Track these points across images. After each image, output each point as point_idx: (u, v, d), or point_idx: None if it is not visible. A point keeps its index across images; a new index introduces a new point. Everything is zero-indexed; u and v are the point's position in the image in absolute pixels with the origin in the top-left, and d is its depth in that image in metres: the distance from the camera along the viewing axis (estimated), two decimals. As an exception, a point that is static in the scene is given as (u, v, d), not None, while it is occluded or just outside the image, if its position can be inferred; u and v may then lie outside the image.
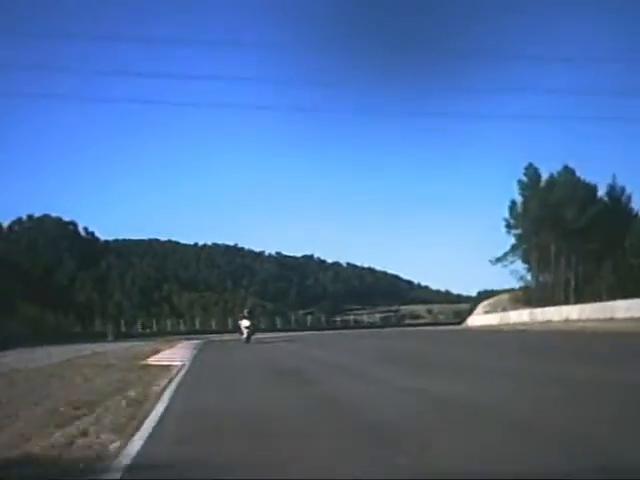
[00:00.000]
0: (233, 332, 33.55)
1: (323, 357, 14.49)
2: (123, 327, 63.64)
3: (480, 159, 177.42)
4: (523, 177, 49.92)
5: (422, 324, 63.34)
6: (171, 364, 12.78)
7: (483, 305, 51.40)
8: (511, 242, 49.38)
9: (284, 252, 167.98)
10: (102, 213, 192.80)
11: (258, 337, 25.88)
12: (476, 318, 45.73)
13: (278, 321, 67.61)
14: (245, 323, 24.08)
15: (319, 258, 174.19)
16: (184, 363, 13.07)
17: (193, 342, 27.68)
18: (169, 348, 21.48)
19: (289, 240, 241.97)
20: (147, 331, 61.86)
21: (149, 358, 15.20)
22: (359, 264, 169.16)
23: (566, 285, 42.89)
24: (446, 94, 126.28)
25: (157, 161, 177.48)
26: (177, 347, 22.50)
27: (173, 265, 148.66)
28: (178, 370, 11.24)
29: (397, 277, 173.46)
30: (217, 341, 30.48)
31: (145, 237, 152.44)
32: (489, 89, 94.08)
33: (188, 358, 15.03)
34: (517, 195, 50.31)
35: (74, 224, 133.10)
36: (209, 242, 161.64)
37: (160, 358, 15.34)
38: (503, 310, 42.03)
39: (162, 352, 18.50)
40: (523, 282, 48.02)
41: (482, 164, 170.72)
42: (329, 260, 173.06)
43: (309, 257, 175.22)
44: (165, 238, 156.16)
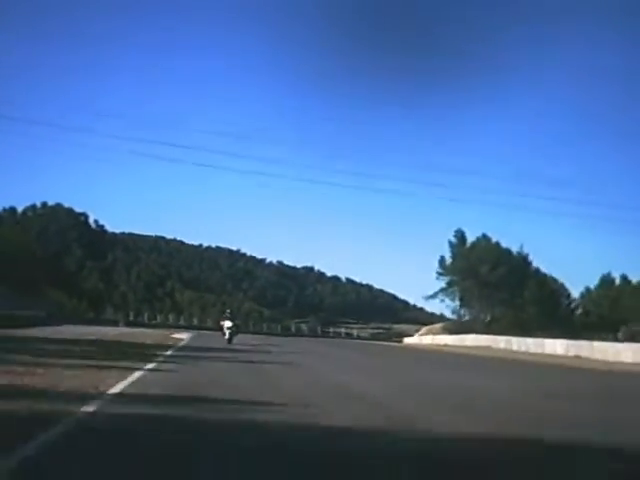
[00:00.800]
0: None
1: (278, 349, 25.84)
2: (131, 317, 77.17)
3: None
4: (453, 238, 64.97)
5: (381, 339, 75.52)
6: (182, 337, 26.39)
7: (423, 330, 65.00)
8: (441, 286, 63.55)
9: (285, 261, 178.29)
10: (112, 205, 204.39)
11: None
12: (412, 339, 59.47)
13: (265, 326, 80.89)
14: (227, 324, 24.88)
15: (319, 270, 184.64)
16: (188, 338, 26.59)
17: (192, 332, 41.00)
18: (177, 333, 35.00)
19: (291, 250, 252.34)
20: (152, 322, 75.06)
21: (170, 335, 28.83)
22: (358, 280, 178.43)
23: (483, 321, 56.21)
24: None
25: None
26: (182, 333, 35.99)
27: (177, 263, 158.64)
28: (186, 340, 24.75)
29: (394, 297, 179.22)
30: (209, 334, 43.59)
31: (152, 233, 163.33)
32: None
33: (190, 337, 28.58)
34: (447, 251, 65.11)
35: (85, 215, 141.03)
36: (213, 244, 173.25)
37: (175, 336, 28.90)
38: (432, 334, 55.68)
39: (174, 334, 32.04)
40: (455, 316, 61.66)
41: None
42: (329, 273, 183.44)
43: (310, 269, 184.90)
44: (171, 236, 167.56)
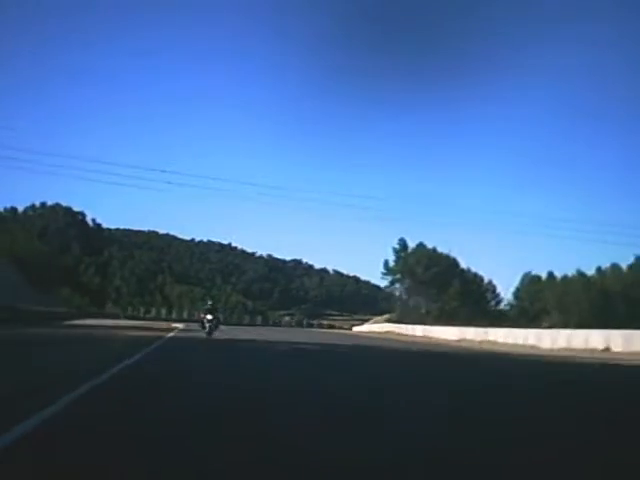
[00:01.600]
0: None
1: (248, 335, 41.14)
2: (130, 311, 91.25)
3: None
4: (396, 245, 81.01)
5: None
6: (178, 326, 40.55)
7: (372, 320, 79.86)
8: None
9: (275, 254, 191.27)
10: (107, 202, 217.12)
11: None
12: (361, 327, 74.56)
13: (247, 318, 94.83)
14: (208, 317, 24.97)
15: (307, 263, 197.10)
16: (182, 326, 40.75)
17: (184, 323, 55.05)
18: (174, 324, 49.09)
19: (281, 244, 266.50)
20: (147, 315, 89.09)
21: (170, 325, 42.98)
22: (345, 272, 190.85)
23: (418, 313, 70.68)
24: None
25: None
26: (176, 324, 50.07)
27: (169, 258, 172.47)
28: (182, 326, 38.87)
29: (379, 288, 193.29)
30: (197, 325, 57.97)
31: (145, 228, 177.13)
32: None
33: (183, 326, 42.77)
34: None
35: (82, 214, 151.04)
36: (205, 239, 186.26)
37: (173, 325, 43.05)
38: (378, 323, 70.41)
39: (172, 325, 46.20)
40: (399, 308, 76.44)
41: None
42: (317, 266, 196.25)
43: (298, 261, 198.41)
44: (164, 231, 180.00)
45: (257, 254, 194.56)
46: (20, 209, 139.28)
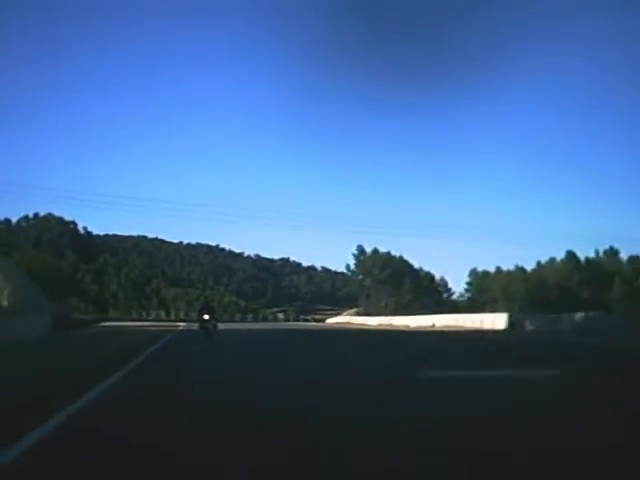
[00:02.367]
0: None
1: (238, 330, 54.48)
2: (132, 315, 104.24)
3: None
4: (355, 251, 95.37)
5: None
6: (181, 325, 54.22)
7: (345, 312, 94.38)
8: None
9: (262, 254, 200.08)
10: (95, 209, 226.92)
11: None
12: (335, 319, 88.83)
13: (239, 316, 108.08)
14: (205, 317, 25.41)
15: (295, 261, 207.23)
16: (184, 326, 54.32)
17: (185, 323, 68.41)
18: (176, 326, 62.70)
19: (268, 243, 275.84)
20: (148, 318, 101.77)
21: (174, 324, 56.67)
22: (333, 268, 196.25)
23: (378, 306, 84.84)
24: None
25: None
26: (178, 324, 63.56)
27: (160, 262, 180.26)
28: (184, 326, 52.49)
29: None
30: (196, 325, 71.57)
31: (134, 233, 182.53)
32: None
33: (185, 325, 56.26)
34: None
35: (74, 223, 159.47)
36: (193, 241, 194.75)
37: (178, 324, 56.73)
38: (350, 315, 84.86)
39: (176, 324, 59.87)
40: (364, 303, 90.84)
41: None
42: (305, 263, 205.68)
43: (286, 260, 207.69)
44: (152, 235, 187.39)
45: (245, 254, 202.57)
46: (14, 220, 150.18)
